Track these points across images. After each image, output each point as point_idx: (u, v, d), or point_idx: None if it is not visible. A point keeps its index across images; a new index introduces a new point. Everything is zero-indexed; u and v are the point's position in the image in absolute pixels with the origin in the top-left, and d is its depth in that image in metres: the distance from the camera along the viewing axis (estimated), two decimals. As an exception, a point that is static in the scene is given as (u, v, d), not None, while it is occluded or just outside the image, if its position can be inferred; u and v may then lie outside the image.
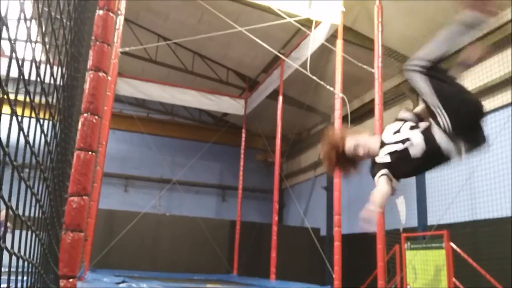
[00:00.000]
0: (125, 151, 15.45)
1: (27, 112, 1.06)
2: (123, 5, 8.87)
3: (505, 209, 7.48)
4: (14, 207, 0.98)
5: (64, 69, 1.51)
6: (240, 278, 11.19)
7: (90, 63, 2.34)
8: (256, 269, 11.66)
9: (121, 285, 6.91)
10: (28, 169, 1.16)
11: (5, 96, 0.89)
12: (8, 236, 0.98)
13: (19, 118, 1.01)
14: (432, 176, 9.44)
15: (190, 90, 12.92)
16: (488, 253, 7.57)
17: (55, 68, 1.31)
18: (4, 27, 0.86)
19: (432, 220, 9.17)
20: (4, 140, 0.88)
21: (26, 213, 1.18)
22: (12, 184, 0.99)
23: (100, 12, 2.41)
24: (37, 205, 1.30)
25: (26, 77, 1.00)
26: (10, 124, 0.96)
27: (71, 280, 2.05)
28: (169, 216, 12.76)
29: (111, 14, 2.44)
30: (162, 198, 14.80)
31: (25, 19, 0.98)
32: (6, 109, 0.99)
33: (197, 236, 12.00)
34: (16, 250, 1.03)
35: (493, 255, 7.45)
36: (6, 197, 0.91)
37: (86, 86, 2.31)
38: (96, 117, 2.29)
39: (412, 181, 9.95)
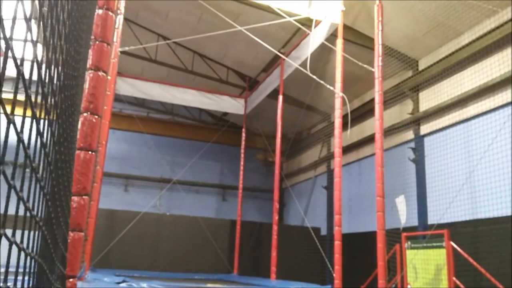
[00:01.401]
0: (125, 150, 15.45)
1: (29, 113, 1.06)
2: (122, 4, 8.86)
3: (505, 208, 7.47)
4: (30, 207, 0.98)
5: (63, 68, 1.50)
6: (240, 278, 11.18)
7: (89, 62, 2.34)
8: (257, 269, 11.67)
9: (121, 284, 6.91)
10: (38, 169, 1.16)
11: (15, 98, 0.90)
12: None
13: (35, 120, 1.01)
14: (433, 175, 9.44)
15: (190, 89, 12.91)
16: (489, 252, 7.57)
17: (53, 67, 1.31)
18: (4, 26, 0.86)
19: (432, 219, 9.17)
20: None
21: (37, 213, 1.18)
22: (21, 183, 0.99)
23: (99, 12, 2.40)
24: (47, 204, 1.30)
25: (25, 77, 1.00)
26: (31, 126, 0.97)
27: (71, 279, 2.05)
28: (169, 216, 12.75)
29: (110, 13, 2.43)
30: (162, 197, 14.80)
31: (26, 18, 0.97)
32: (18, 111, 1.00)
33: (198, 236, 11.99)
34: (24, 249, 1.03)
35: (493, 254, 7.45)
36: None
37: (86, 85, 2.31)
38: (96, 116, 2.29)
39: (412, 180, 9.95)
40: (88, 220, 7.07)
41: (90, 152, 2.23)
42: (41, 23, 1.05)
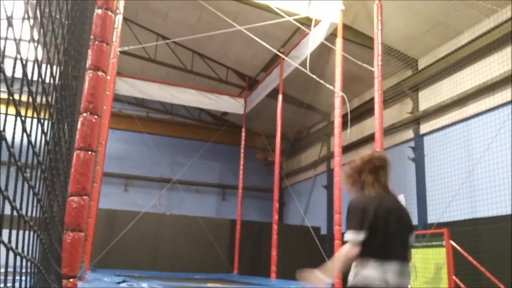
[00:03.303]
0: (124, 150, 15.44)
1: (24, 112, 1.06)
2: (121, 4, 8.86)
3: (505, 207, 7.48)
4: (17, 207, 0.97)
5: (61, 68, 1.50)
6: (240, 277, 11.19)
7: (89, 62, 2.33)
8: (257, 268, 11.66)
9: (121, 284, 6.91)
10: (30, 169, 1.15)
11: (10, 97, 0.89)
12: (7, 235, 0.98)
13: (23, 118, 1.00)
14: (432, 175, 9.44)
15: (190, 89, 12.91)
16: (488, 251, 7.57)
17: (51, 67, 1.31)
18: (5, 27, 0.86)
19: (432, 218, 9.17)
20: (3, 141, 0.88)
21: (27, 213, 1.17)
22: (12, 183, 0.99)
23: (98, 11, 2.40)
24: (39, 205, 1.29)
25: (18, 76, 1.00)
26: (15, 124, 0.96)
27: (71, 279, 2.05)
28: (169, 216, 12.76)
29: (109, 13, 2.43)
30: (162, 197, 14.79)
31: (24, 19, 0.97)
32: (9, 109, 0.99)
33: (198, 236, 12.00)
34: (16, 249, 1.02)
35: (493, 253, 7.45)
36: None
37: (85, 85, 2.31)
38: (96, 116, 2.29)
39: (412, 179, 9.95)
40: (88, 220, 7.07)
41: (89, 152, 2.23)
42: (38, 22, 1.05)
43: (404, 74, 10.56)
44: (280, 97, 10.71)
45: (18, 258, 1.05)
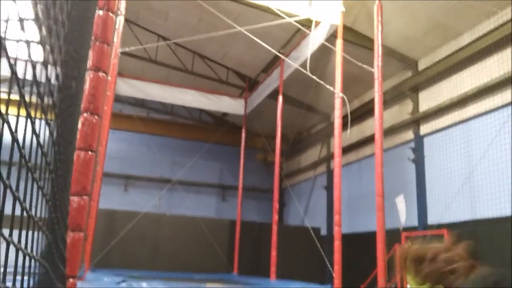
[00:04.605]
0: (125, 150, 15.45)
1: (29, 113, 1.07)
2: (123, 5, 8.88)
3: (504, 208, 7.48)
4: (26, 207, 0.99)
5: (62, 68, 1.51)
6: (240, 277, 11.19)
7: (90, 63, 2.35)
8: (257, 268, 11.67)
9: (121, 284, 6.92)
10: (39, 169, 1.17)
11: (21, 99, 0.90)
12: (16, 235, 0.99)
13: (32, 119, 1.02)
14: (432, 176, 9.45)
15: (190, 90, 12.92)
16: (488, 252, 7.57)
17: (53, 68, 1.32)
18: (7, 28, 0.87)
19: (432, 219, 9.18)
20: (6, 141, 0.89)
21: (36, 213, 1.18)
22: (21, 184, 1.00)
23: (100, 12, 2.41)
24: (47, 205, 1.30)
25: (20, 77, 1.01)
26: (26, 126, 0.97)
27: (71, 279, 2.06)
28: (169, 216, 12.76)
29: (111, 14, 2.44)
30: (162, 197, 14.80)
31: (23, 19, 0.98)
32: (13, 110, 1.00)
33: (197, 236, 12.00)
34: (25, 249, 1.04)
35: (493, 254, 7.45)
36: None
37: (86, 86, 2.32)
38: (96, 117, 2.30)
39: (412, 180, 9.96)
40: (88, 220, 7.08)
41: (90, 152, 2.24)
42: (39, 22, 1.06)
43: (404, 75, 10.57)
44: (280, 98, 10.72)
45: (21, 256, 1.06)
